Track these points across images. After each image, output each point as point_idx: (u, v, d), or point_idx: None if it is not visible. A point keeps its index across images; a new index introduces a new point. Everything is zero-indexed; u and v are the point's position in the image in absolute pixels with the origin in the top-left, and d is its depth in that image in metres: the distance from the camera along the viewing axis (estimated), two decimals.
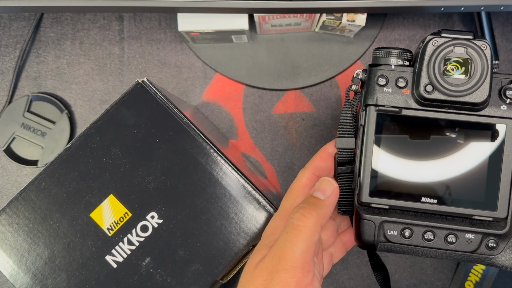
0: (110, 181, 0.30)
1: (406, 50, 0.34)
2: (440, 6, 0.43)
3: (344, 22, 0.49)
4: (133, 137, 0.31)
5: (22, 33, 0.55)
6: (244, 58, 0.54)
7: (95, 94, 0.54)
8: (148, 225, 0.30)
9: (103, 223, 0.30)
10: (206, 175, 0.31)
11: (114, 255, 0.30)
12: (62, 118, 0.52)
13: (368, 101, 0.32)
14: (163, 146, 0.31)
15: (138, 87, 0.31)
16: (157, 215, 0.30)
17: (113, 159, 0.31)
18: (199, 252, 0.30)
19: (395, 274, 0.52)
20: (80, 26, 0.55)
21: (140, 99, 0.31)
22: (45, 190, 0.30)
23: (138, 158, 0.31)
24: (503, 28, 0.55)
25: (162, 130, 0.31)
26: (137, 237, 0.30)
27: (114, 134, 0.31)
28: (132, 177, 0.30)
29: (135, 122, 0.31)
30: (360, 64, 0.55)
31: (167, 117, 0.31)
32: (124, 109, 0.31)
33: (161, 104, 0.31)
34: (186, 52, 0.55)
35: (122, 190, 0.30)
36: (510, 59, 0.55)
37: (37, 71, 0.54)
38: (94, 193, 0.30)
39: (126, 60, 0.55)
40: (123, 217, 0.30)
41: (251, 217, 0.31)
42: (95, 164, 0.31)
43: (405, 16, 0.56)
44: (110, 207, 0.30)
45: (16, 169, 0.53)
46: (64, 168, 0.31)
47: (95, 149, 0.31)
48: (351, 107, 0.35)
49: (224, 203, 0.31)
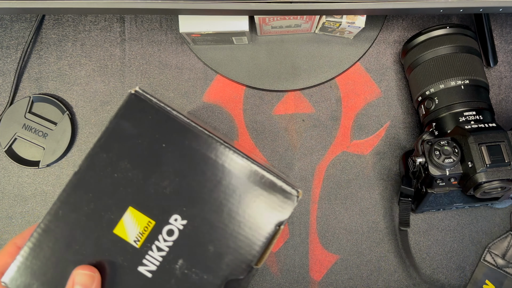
0: (126, 194, 0.30)
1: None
2: (439, 8, 0.43)
3: (344, 23, 0.49)
4: (139, 147, 0.31)
5: (23, 34, 0.55)
6: (245, 60, 0.54)
7: (96, 95, 0.54)
8: (173, 228, 0.30)
9: (128, 236, 0.30)
10: (218, 168, 0.31)
11: (146, 265, 0.30)
12: (63, 119, 0.53)
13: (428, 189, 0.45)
14: (170, 149, 0.31)
15: (132, 97, 0.31)
16: (180, 217, 0.30)
17: (124, 172, 0.30)
18: (229, 243, 0.30)
19: (394, 274, 0.52)
20: (81, 28, 0.55)
21: (137, 108, 0.31)
22: (63, 218, 0.30)
23: (148, 166, 0.31)
24: (501, 29, 0.56)
25: (166, 134, 0.31)
26: (165, 243, 0.30)
27: (120, 148, 0.31)
28: (146, 185, 0.30)
29: (138, 132, 0.31)
30: (359, 66, 0.55)
31: (168, 121, 0.31)
32: (123, 122, 0.31)
33: (159, 110, 0.31)
34: (187, 54, 0.55)
35: (140, 201, 0.30)
36: (509, 61, 0.55)
37: (39, 72, 0.54)
38: (112, 210, 0.30)
39: (127, 62, 0.55)
40: (147, 226, 0.30)
41: (272, 196, 0.31)
42: (108, 181, 0.30)
43: (404, 18, 0.56)
44: (132, 219, 0.30)
45: (17, 170, 0.53)
46: (77, 192, 0.30)
47: (104, 166, 0.31)
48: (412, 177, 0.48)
49: (241, 191, 0.31)
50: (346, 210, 0.53)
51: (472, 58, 0.48)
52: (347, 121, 0.54)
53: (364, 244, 0.53)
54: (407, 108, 0.55)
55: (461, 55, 0.47)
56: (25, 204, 0.53)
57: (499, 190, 0.43)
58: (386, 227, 0.53)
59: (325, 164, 0.54)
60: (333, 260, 0.52)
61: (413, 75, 0.50)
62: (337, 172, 0.54)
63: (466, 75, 0.46)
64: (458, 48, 0.47)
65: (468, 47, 0.48)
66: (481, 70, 0.48)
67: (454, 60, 0.47)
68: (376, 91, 0.55)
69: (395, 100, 0.55)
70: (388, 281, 0.52)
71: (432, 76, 0.48)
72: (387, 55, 0.55)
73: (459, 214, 0.53)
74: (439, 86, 0.47)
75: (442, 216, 0.53)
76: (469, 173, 0.42)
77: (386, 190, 0.53)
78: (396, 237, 0.53)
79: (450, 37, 0.48)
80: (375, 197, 0.53)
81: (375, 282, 0.52)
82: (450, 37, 0.48)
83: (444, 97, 0.47)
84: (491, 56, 0.54)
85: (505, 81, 0.55)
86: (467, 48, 0.48)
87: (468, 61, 0.47)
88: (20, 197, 0.53)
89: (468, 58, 0.47)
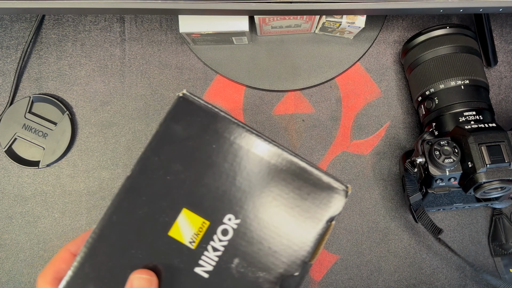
0: (179, 196, 0.31)
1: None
2: (439, 8, 0.43)
3: (344, 23, 0.49)
4: (190, 149, 0.31)
5: (23, 34, 0.55)
6: (245, 60, 0.54)
7: (96, 95, 0.54)
8: (227, 228, 0.31)
9: (183, 238, 0.30)
10: (269, 167, 0.31)
11: (203, 265, 0.30)
12: (63, 119, 0.53)
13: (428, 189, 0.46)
14: (220, 150, 0.31)
15: (181, 100, 0.31)
16: (233, 216, 0.31)
17: (176, 174, 0.31)
18: (282, 240, 0.30)
19: (394, 274, 0.52)
20: (81, 28, 0.55)
21: (186, 111, 0.31)
22: (117, 223, 0.30)
23: (200, 167, 0.31)
24: (501, 29, 0.56)
25: (215, 135, 0.31)
26: (220, 242, 0.30)
27: (171, 151, 0.31)
28: (199, 186, 0.31)
29: (188, 134, 0.31)
30: (359, 66, 0.55)
31: (216, 122, 0.31)
32: (173, 125, 0.31)
33: (207, 111, 0.31)
34: (187, 54, 0.55)
35: (193, 202, 0.31)
36: (509, 61, 0.55)
37: (39, 73, 0.54)
38: (166, 212, 0.30)
39: (127, 62, 0.55)
40: (201, 227, 0.30)
41: (321, 193, 0.31)
42: (160, 184, 0.31)
43: (404, 18, 0.56)
44: (186, 220, 0.30)
45: (17, 170, 0.53)
46: (131, 196, 0.31)
47: (156, 170, 0.31)
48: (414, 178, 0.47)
49: (292, 189, 0.31)
50: (346, 210, 0.53)
51: (472, 58, 0.48)
52: (347, 121, 0.54)
53: (364, 244, 0.53)
54: (407, 108, 0.55)
55: (461, 55, 0.47)
56: (25, 204, 0.53)
57: (499, 190, 0.43)
58: (386, 227, 0.53)
59: (325, 164, 0.54)
60: (333, 260, 0.52)
61: (413, 75, 0.50)
62: (337, 172, 0.54)
63: (466, 75, 0.46)
64: (458, 48, 0.47)
65: (468, 47, 0.48)
66: (481, 70, 0.48)
67: (454, 60, 0.47)
68: (376, 91, 0.55)
69: (395, 100, 0.55)
70: (388, 281, 0.52)
71: (432, 76, 0.48)
72: (387, 55, 0.55)
73: (459, 214, 0.53)
74: (439, 86, 0.47)
75: (442, 216, 0.53)
76: (469, 173, 0.42)
77: (386, 190, 0.53)
78: (395, 237, 0.53)
79: (450, 37, 0.48)
80: (375, 197, 0.53)
81: (375, 282, 0.52)
82: (450, 37, 0.48)
83: (444, 97, 0.47)
84: (491, 56, 0.54)
85: (505, 81, 0.55)
86: (467, 48, 0.48)
87: (468, 61, 0.47)
88: (20, 197, 0.53)
89: (468, 58, 0.47)
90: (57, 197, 0.53)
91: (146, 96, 0.54)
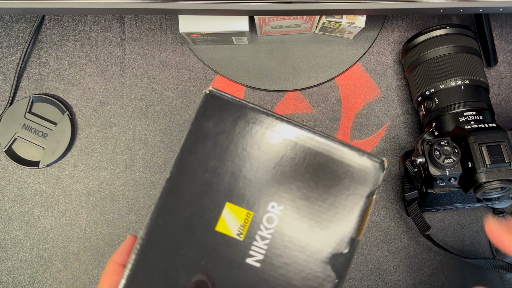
0: (220, 192, 0.31)
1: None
2: (439, 8, 0.43)
3: (344, 23, 0.49)
4: (224, 144, 0.31)
5: (23, 34, 0.55)
6: (245, 60, 0.54)
7: (96, 95, 0.54)
8: (272, 216, 0.31)
9: (230, 231, 0.31)
10: (303, 150, 0.32)
11: (253, 255, 0.31)
12: (63, 119, 0.53)
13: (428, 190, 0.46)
14: (254, 140, 0.32)
15: (208, 97, 0.32)
16: (276, 203, 0.31)
17: (215, 170, 0.31)
18: (327, 219, 0.31)
19: (394, 274, 0.52)
20: (81, 28, 0.55)
21: (215, 106, 0.32)
22: (163, 226, 0.31)
23: (236, 160, 0.31)
24: (501, 29, 0.56)
25: (247, 126, 0.32)
26: (267, 231, 0.31)
27: (206, 148, 0.31)
28: (238, 179, 0.31)
29: (220, 129, 0.32)
30: (359, 66, 0.55)
31: (246, 114, 0.32)
32: (205, 122, 0.32)
33: (236, 104, 0.32)
34: (187, 54, 0.55)
35: (235, 195, 0.31)
36: (509, 61, 0.55)
37: (39, 73, 0.54)
38: (210, 208, 0.31)
39: (127, 62, 0.55)
40: (246, 218, 0.31)
41: (358, 170, 0.31)
42: (200, 182, 0.31)
43: (404, 18, 0.56)
44: (231, 214, 0.31)
45: (17, 170, 0.53)
46: (173, 198, 0.31)
47: (194, 169, 0.31)
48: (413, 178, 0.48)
49: (329, 169, 0.31)
50: None
51: (472, 58, 0.48)
52: (347, 121, 0.54)
53: (364, 244, 0.53)
54: (407, 108, 0.55)
55: (461, 55, 0.47)
56: (25, 204, 0.53)
57: (499, 190, 0.43)
58: (386, 227, 0.53)
59: None
60: None
61: (413, 75, 0.50)
62: None
63: (466, 75, 0.46)
64: (458, 48, 0.47)
65: (468, 47, 0.48)
66: (481, 70, 0.48)
67: (454, 60, 0.47)
68: (376, 91, 0.55)
69: (395, 100, 0.55)
70: (388, 281, 0.52)
71: (432, 76, 0.48)
72: (387, 55, 0.55)
73: (459, 214, 0.53)
74: (439, 86, 0.47)
75: (442, 216, 0.53)
76: (469, 173, 0.42)
77: (386, 190, 0.53)
78: (395, 237, 0.53)
79: (450, 37, 0.48)
80: (375, 197, 0.53)
81: (375, 282, 0.52)
82: (450, 37, 0.48)
83: (444, 97, 0.47)
84: (491, 56, 0.54)
85: (505, 81, 0.55)
86: (467, 48, 0.48)
87: (468, 61, 0.47)
88: (20, 197, 0.53)
89: (468, 58, 0.47)
90: (57, 197, 0.53)
91: (146, 96, 0.54)
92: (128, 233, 0.52)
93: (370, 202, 0.31)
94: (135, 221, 0.53)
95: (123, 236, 0.52)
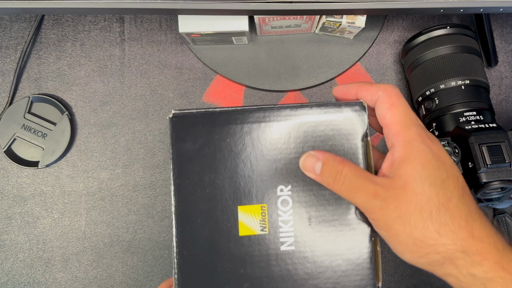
0: (227, 200, 0.32)
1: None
2: (439, 8, 0.43)
3: (344, 23, 0.49)
4: (210, 155, 0.32)
5: (23, 34, 0.55)
6: (244, 60, 0.54)
7: (96, 95, 0.54)
8: (285, 198, 0.32)
9: (254, 230, 0.31)
10: (284, 127, 0.32)
11: (285, 241, 0.31)
12: (62, 119, 0.52)
13: None
14: (236, 138, 0.32)
15: (174, 120, 0.32)
16: (283, 186, 0.32)
17: (213, 183, 0.32)
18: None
19: (395, 274, 0.52)
20: (81, 28, 0.55)
21: (185, 126, 0.32)
22: (190, 255, 0.31)
23: (228, 164, 0.32)
24: (502, 29, 0.56)
25: (223, 130, 0.32)
26: (286, 214, 0.31)
27: (195, 167, 0.32)
28: (238, 180, 0.32)
29: (200, 143, 0.32)
30: (359, 66, 0.55)
31: (217, 119, 0.32)
32: (182, 144, 0.32)
33: (203, 115, 0.32)
34: (187, 54, 0.55)
35: (242, 196, 0.32)
36: (509, 61, 0.55)
37: (38, 73, 0.54)
38: (225, 219, 0.31)
39: (126, 62, 0.55)
40: (263, 212, 0.31)
41: (342, 121, 0.32)
42: (205, 200, 0.32)
43: (404, 18, 0.56)
44: (247, 215, 0.31)
45: (16, 170, 0.53)
46: (187, 226, 0.32)
47: (193, 191, 0.32)
48: None
49: (313, 132, 0.32)
50: None
51: (473, 58, 0.47)
52: None
53: None
54: None
55: (462, 55, 0.47)
56: (24, 204, 0.53)
57: (500, 191, 0.43)
58: None
59: None
60: None
61: (413, 75, 0.50)
62: None
63: (466, 75, 0.46)
64: (458, 48, 0.47)
65: (469, 47, 0.48)
66: (482, 70, 0.48)
67: (454, 60, 0.47)
68: None
69: None
70: (388, 282, 0.52)
71: (432, 76, 0.48)
72: (387, 55, 0.55)
73: None
74: (440, 86, 0.47)
75: None
76: (469, 174, 0.42)
77: None
78: None
79: (450, 37, 0.48)
80: None
81: None
82: (451, 37, 0.48)
83: (444, 97, 0.47)
84: (491, 56, 0.54)
85: (505, 81, 0.55)
86: (467, 48, 0.48)
87: (468, 61, 0.47)
88: (19, 198, 0.53)
89: (469, 58, 0.47)
90: (56, 197, 0.53)
91: (146, 96, 0.54)
92: (128, 233, 0.52)
93: (367, 143, 0.32)
94: (134, 221, 0.52)
95: (123, 237, 0.52)
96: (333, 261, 0.31)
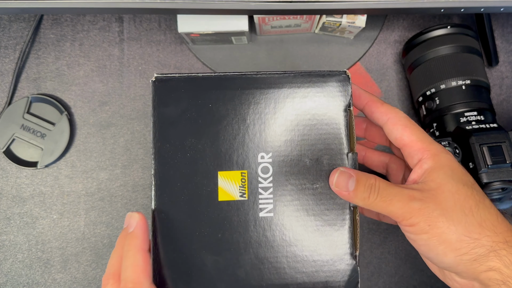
0: (208, 165, 0.31)
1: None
2: (440, 8, 0.43)
3: (344, 23, 0.49)
4: (192, 119, 0.32)
5: (21, 34, 0.54)
6: (244, 60, 0.54)
7: (95, 95, 0.54)
8: (265, 165, 0.32)
9: (233, 196, 0.31)
10: (266, 94, 0.32)
11: (264, 208, 0.31)
12: (61, 119, 0.52)
13: None
14: (218, 104, 0.32)
15: (156, 83, 0.32)
16: (264, 153, 0.32)
17: (194, 147, 0.31)
18: (318, 146, 0.32)
19: (395, 275, 0.52)
20: (80, 28, 0.55)
21: (167, 90, 0.32)
22: (169, 219, 0.31)
23: (210, 129, 0.32)
24: (503, 29, 0.55)
25: (206, 95, 0.32)
26: (266, 181, 0.31)
27: (176, 131, 0.31)
28: (219, 145, 0.31)
29: (182, 108, 0.32)
30: (360, 66, 0.55)
31: (201, 84, 0.32)
32: (163, 108, 0.31)
33: (186, 79, 0.32)
34: (186, 54, 0.55)
35: (223, 162, 0.31)
36: (510, 61, 0.55)
37: (37, 73, 0.54)
38: (205, 184, 0.31)
39: (126, 62, 0.54)
40: (242, 178, 0.31)
41: (326, 90, 0.32)
42: (185, 164, 0.31)
43: (405, 18, 0.56)
44: (227, 180, 0.31)
45: (15, 171, 0.53)
46: (166, 189, 0.31)
47: (174, 155, 0.31)
48: None
49: (297, 99, 0.32)
50: None
51: (473, 58, 0.47)
52: None
53: (364, 245, 0.52)
54: (408, 108, 0.54)
55: (462, 55, 0.47)
56: (23, 205, 0.52)
57: (500, 191, 0.43)
58: (387, 228, 0.52)
59: None
60: None
61: (414, 75, 0.50)
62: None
63: (467, 75, 0.46)
64: (459, 48, 0.47)
65: (469, 47, 0.48)
66: (482, 70, 0.48)
67: (455, 60, 0.47)
68: (377, 91, 0.54)
69: (395, 100, 0.54)
70: (388, 282, 0.52)
71: (433, 76, 0.47)
72: (388, 55, 0.55)
73: None
74: (440, 86, 0.47)
75: None
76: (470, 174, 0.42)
77: None
78: (396, 238, 0.52)
79: (451, 37, 0.48)
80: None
81: (376, 284, 0.52)
82: (451, 37, 0.48)
83: (445, 97, 0.46)
84: (492, 56, 0.54)
85: (506, 81, 0.55)
86: (468, 48, 0.47)
87: (469, 61, 0.47)
88: (18, 198, 0.53)
89: (469, 58, 0.47)
90: (56, 198, 0.53)
91: (145, 96, 0.54)
92: None
93: (350, 113, 0.32)
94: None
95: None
96: (310, 229, 0.31)
